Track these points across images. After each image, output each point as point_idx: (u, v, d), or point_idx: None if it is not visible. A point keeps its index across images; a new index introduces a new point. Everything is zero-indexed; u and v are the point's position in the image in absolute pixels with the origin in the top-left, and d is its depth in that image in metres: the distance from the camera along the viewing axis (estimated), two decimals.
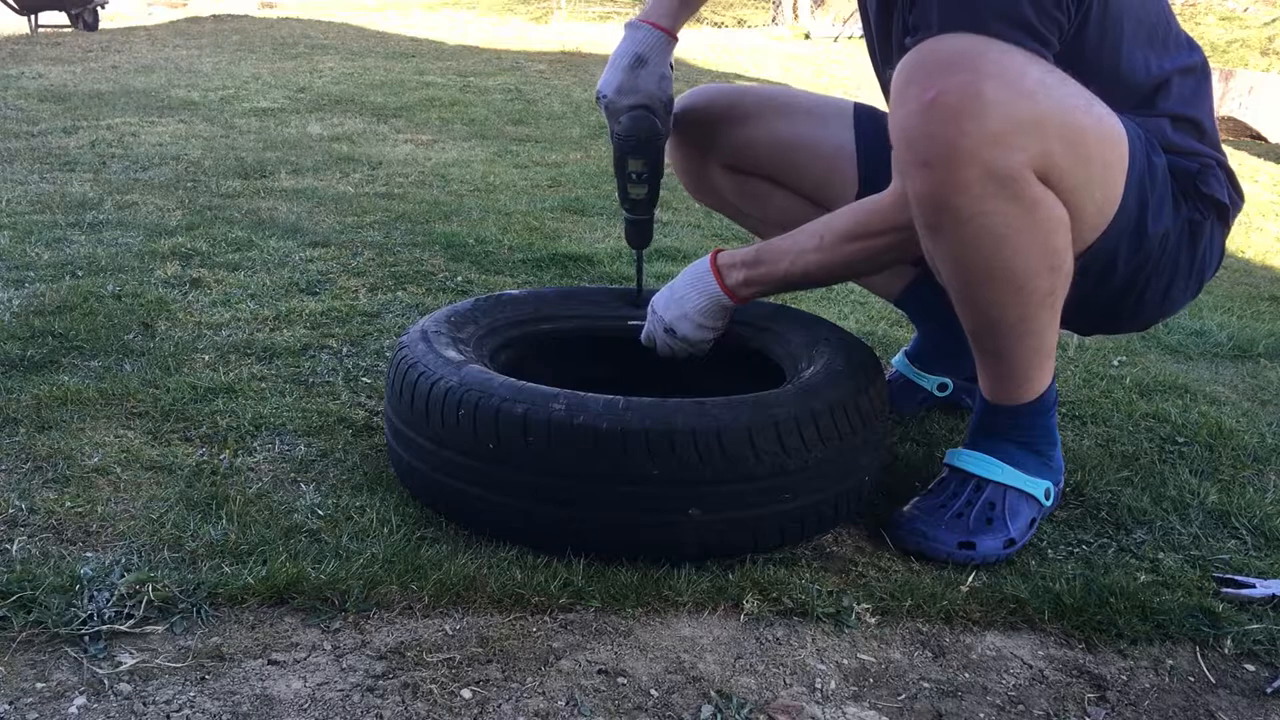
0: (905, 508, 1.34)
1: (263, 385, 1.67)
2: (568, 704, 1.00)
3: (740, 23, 11.61)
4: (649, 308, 1.48)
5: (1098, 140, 1.17)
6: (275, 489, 1.35)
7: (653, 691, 1.02)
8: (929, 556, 1.28)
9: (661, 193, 1.59)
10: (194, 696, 0.97)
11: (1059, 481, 1.38)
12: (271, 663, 1.03)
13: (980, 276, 1.19)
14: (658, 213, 3.00)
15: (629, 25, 1.50)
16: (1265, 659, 1.13)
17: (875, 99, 1.61)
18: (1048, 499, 1.34)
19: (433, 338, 1.36)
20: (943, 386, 1.71)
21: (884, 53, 1.37)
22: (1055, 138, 1.12)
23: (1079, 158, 1.15)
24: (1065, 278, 1.20)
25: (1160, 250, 1.27)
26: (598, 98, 1.51)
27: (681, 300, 1.42)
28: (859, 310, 2.30)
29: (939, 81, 1.09)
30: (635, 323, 1.57)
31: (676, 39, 1.50)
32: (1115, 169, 1.19)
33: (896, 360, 1.76)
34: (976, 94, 1.08)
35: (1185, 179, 1.28)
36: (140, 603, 1.08)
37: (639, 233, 1.61)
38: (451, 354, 1.32)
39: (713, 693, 1.02)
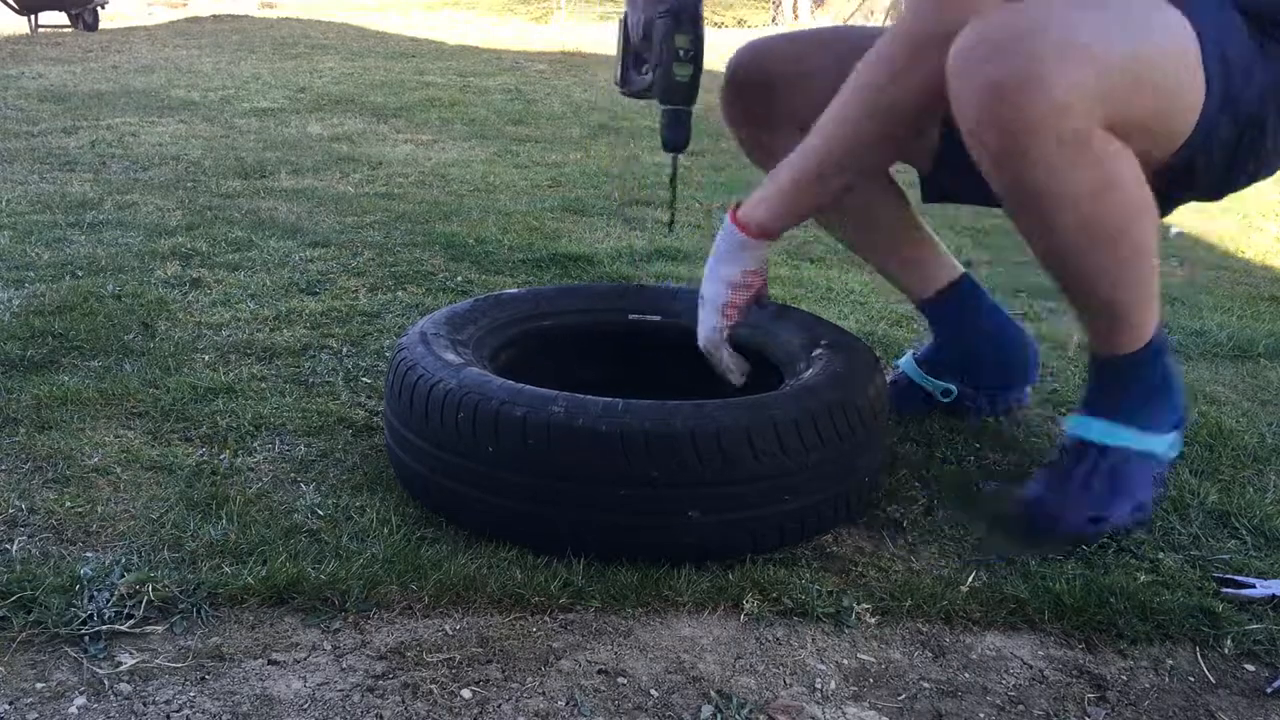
0: (1029, 487, 1.35)
1: (263, 385, 1.67)
2: (568, 704, 1.00)
3: (740, 23, 11.60)
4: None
5: (1166, 61, 1.15)
6: (275, 489, 1.35)
7: (653, 691, 1.02)
8: (1061, 538, 1.30)
9: (661, 194, 1.57)
10: (194, 696, 0.97)
11: (1180, 420, 1.38)
12: (271, 663, 1.03)
13: (1076, 239, 1.18)
14: (658, 213, 3.01)
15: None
16: (1265, 659, 1.13)
17: None
18: (1172, 450, 1.36)
19: (431, 340, 1.36)
20: (947, 392, 1.69)
21: None
22: (1121, 88, 1.11)
23: (1153, 90, 1.14)
24: (1154, 216, 1.19)
25: (1260, 104, 1.23)
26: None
27: (709, 270, 1.37)
28: (859, 310, 2.30)
29: (1000, 65, 1.08)
30: (636, 317, 1.57)
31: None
32: (1192, 71, 1.17)
33: (904, 362, 1.75)
34: (1038, 73, 1.06)
35: (1269, 18, 1.23)
36: (140, 603, 1.08)
37: (680, 128, 1.46)
38: (450, 356, 1.32)
39: (713, 693, 1.02)
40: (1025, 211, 1.18)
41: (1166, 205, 1.29)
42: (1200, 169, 1.24)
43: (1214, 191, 1.34)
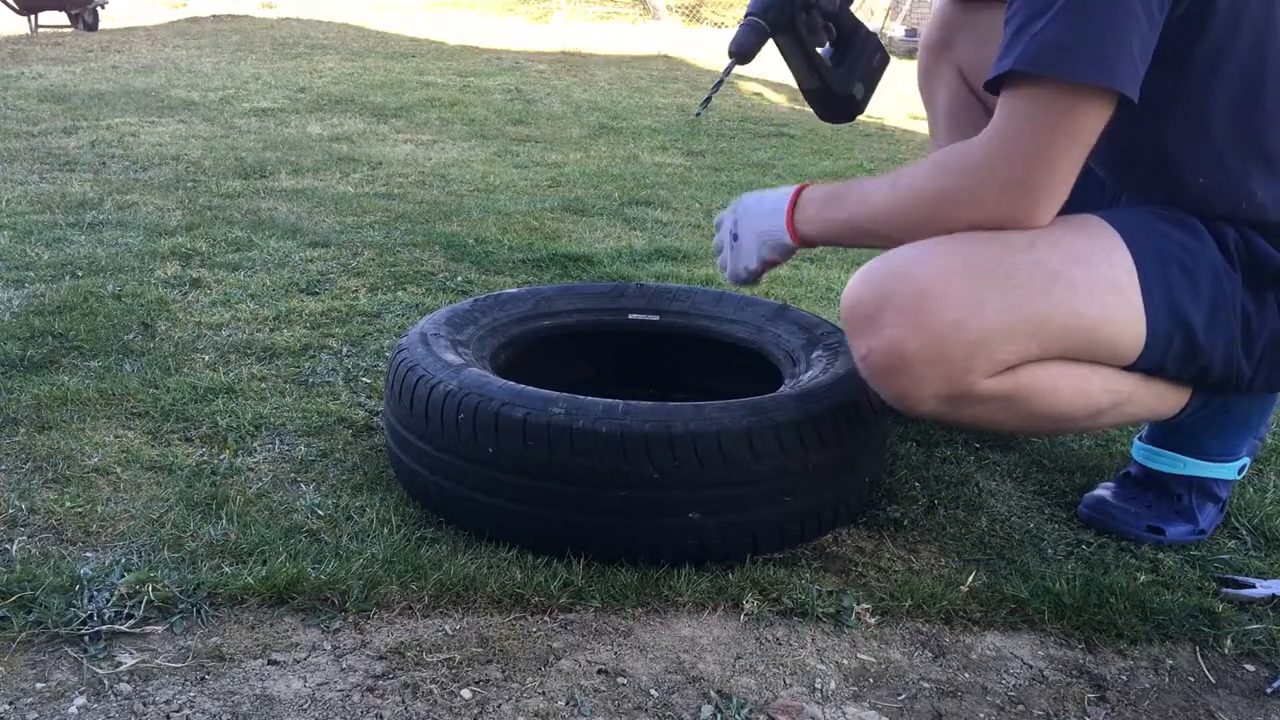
0: (1097, 490, 1.40)
1: (263, 385, 1.67)
2: (568, 704, 1.00)
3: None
4: (734, 204, 1.40)
5: (1064, 313, 1.12)
6: (275, 489, 1.35)
7: (653, 691, 1.02)
8: (1116, 534, 1.34)
9: (662, 194, 1.56)
10: (194, 696, 0.97)
11: (1260, 434, 1.38)
12: (271, 663, 1.03)
13: (1025, 431, 1.26)
14: (658, 213, 3.01)
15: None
16: (1265, 659, 1.13)
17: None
18: (1240, 473, 1.37)
19: (432, 340, 1.36)
20: None
21: None
22: (1003, 342, 1.10)
23: (1047, 339, 1.12)
24: (1112, 393, 1.19)
25: (1230, 350, 1.18)
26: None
27: (757, 217, 1.35)
28: None
29: (867, 338, 1.12)
30: (636, 316, 1.56)
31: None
32: (1115, 316, 1.13)
33: None
34: (898, 353, 1.10)
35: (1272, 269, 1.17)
36: (140, 603, 1.08)
37: (749, 39, 1.38)
38: (450, 357, 1.32)
39: (713, 693, 1.02)
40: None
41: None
42: (1177, 374, 1.20)
43: (1233, 393, 1.28)
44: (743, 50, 1.40)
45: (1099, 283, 1.12)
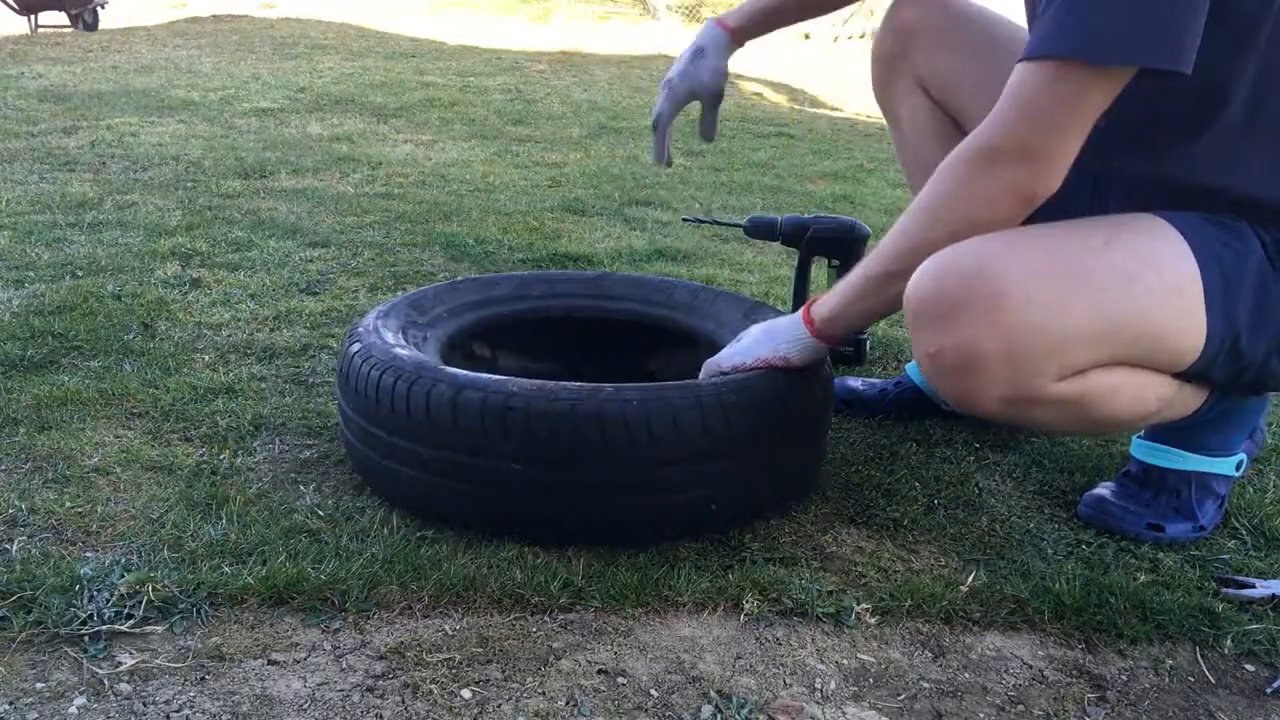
0: (1097, 489, 1.40)
1: (263, 385, 1.67)
2: (568, 704, 1.00)
3: None
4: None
5: (1139, 318, 1.11)
6: (275, 489, 1.35)
7: (653, 691, 1.02)
8: (1116, 532, 1.34)
9: (662, 194, 1.61)
10: (194, 696, 0.98)
11: (1258, 428, 1.38)
12: (271, 663, 1.03)
13: (1073, 432, 1.26)
14: (658, 213, 3.01)
15: (706, 21, 1.59)
16: (1265, 659, 1.13)
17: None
18: (1239, 470, 1.36)
19: (381, 327, 1.40)
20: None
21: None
22: (1078, 346, 1.08)
23: (1119, 345, 1.11)
24: (1161, 400, 1.18)
25: (1269, 355, 1.18)
26: (663, 85, 1.60)
27: (763, 333, 1.32)
28: None
29: (939, 336, 1.09)
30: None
31: (735, 36, 1.58)
32: (1181, 323, 1.12)
33: (911, 367, 1.73)
34: (972, 353, 1.07)
35: None
36: (140, 603, 1.09)
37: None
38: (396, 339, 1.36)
39: (713, 693, 1.03)
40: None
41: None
42: (1219, 379, 1.20)
43: (1249, 393, 1.30)
44: (752, 231, 1.87)
45: (1170, 288, 1.11)
